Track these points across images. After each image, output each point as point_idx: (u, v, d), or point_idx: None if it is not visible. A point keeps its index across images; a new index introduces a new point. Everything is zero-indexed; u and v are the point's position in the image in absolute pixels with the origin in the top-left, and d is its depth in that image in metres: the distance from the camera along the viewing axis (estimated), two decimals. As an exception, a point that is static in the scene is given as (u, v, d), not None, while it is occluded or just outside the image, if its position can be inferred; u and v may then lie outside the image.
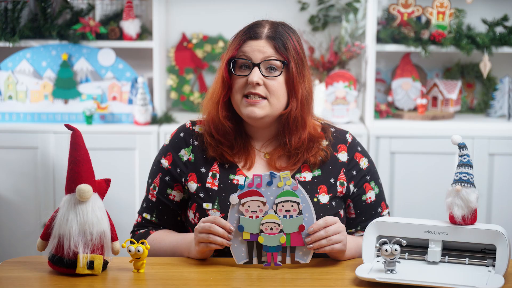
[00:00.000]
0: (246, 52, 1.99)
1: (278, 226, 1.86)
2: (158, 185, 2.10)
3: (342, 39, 3.65)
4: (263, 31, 2.01)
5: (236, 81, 2.01)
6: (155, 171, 2.12)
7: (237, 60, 2.01)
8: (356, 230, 2.10)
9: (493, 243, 1.81)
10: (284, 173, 1.86)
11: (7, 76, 3.50)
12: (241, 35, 2.02)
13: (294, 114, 2.01)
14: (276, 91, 1.99)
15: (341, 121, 3.53)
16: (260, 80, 1.98)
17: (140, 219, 2.14)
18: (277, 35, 2.00)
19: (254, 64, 1.98)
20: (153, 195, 2.11)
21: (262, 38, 2.00)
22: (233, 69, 2.01)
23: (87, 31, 3.50)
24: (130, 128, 3.45)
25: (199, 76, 3.84)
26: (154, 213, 2.11)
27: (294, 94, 2.01)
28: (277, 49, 1.99)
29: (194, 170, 2.06)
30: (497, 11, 3.70)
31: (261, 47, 1.99)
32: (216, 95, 2.03)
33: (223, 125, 2.03)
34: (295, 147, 2.03)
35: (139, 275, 1.83)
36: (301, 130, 2.03)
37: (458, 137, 1.85)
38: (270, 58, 1.99)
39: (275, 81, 1.99)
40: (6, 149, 3.42)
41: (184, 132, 2.11)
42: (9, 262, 1.91)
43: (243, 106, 2.00)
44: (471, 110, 3.85)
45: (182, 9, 3.82)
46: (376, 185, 2.11)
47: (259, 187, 1.86)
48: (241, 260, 1.88)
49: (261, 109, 1.99)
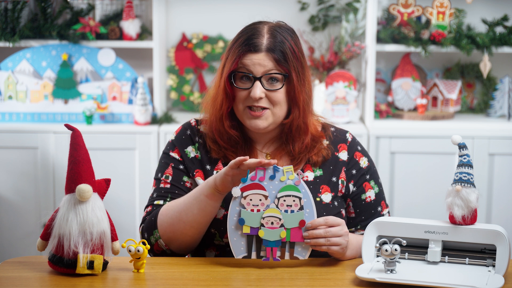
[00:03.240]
0: (246, 65, 1.98)
1: (279, 220, 1.86)
2: (172, 174, 2.07)
3: (342, 39, 3.65)
4: (262, 42, 1.98)
5: (238, 94, 2.01)
6: (165, 164, 2.09)
7: (238, 73, 2.00)
8: (356, 229, 2.10)
9: (493, 243, 1.81)
10: (287, 167, 1.87)
11: (7, 76, 3.50)
12: (240, 45, 2.00)
13: (296, 123, 2.03)
14: (278, 102, 2.00)
15: (341, 121, 3.53)
16: (262, 94, 1.98)
17: (151, 208, 2.06)
18: (276, 47, 1.98)
19: (256, 78, 1.98)
20: (166, 183, 2.07)
21: (262, 51, 1.98)
22: (234, 81, 2.01)
23: (87, 31, 3.50)
24: (130, 128, 3.45)
25: (199, 76, 3.84)
26: (168, 198, 2.05)
27: (295, 104, 2.01)
28: (277, 62, 1.98)
29: (200, 167, 2.07)
30: (497, 11, 3.71)
31: (262, 60, 1.98)
32: (219, 106, 2.03)
33: (229, 134, 2.04)
34: (299, 152, 2.05)
35: (139, 275, 1.83)
36: (303, 135, 2.04)
37: (458, 137, 1.85)
38: (271, 72, 1.98)
39: (277, 93, 2.00)
40: (6, 149, 3.42)
41: (190, 129, 2.11)
42: (9, 262, 1.91)
43: (247, 117, 2.01)
44: (471, 110, 3.85)
45: (182, 9, 3.82)
46: (375, 184, 2.12)
47: (262, 181, 1.86)
48: (239, 255, 1.88)
49: (264, 120, 2.00)
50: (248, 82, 1.99)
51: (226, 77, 2.00)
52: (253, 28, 2.02)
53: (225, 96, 2.01)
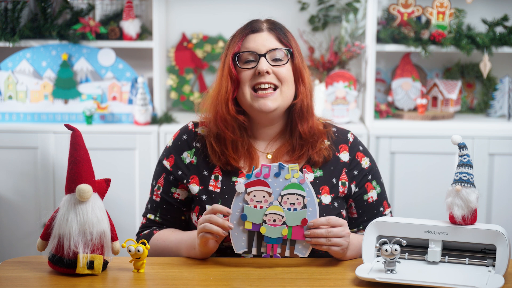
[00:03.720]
0: (249, 46, 2.01)
1: (281, 218, 1.86)
2: (162, 185, 2.10)
3: (342, 39, 3.65)
4: (262, 24, 2.05)
5: (243, 74, 2.01)
6: (159, 172, 2.11)
7: (241, 54, 2.02)
8: (358, 229, 2.10)
9: (493, 243, 1.81)
10: (293, 166, 1.87)
11: (7, 76, 3.50)
12: (241, 31, 2.05)
13: (306, 102, 2.04)
14: (286, 78, 2.01)
15: (341, 121, 3.53)
16: (269, 68, 1.99)
17: (145, 220, 2.14)
18: (276, 27, 2.05)
19: (260, 55, 2.00)
20: (157, 195, 2.11)
21: (264, 30, 2.03)
22: (238, 64, 2.02)
23: (87, 31, 3.50)
24: (130, 128, 3.45)
25: (199, 76, 3.84)
26: (158, 213, 2.11)
27: (302, 82, 2.04)
28: (280, 39, 2.03)
29: (196, 172, 2.06)
30: (497, 11, 3.71)
31: (264, 39, 2.02)
32: (224, 92, 2.03)
33: (235, 120, 2.03)
34: (308, 135, 2.04)
35: (139, 275, 1.83)
36: (311, 118, 2.06)
37: (458, 137, 1.85)
38: (275, 48, 2.01)
39: (284, 68, 2.01)
40: (6, 149, 3.42)
41: (186, 134, 2.11)
42: (9, 262, 1.91)
43: (254, 99, 2.01)
44: (471, 110, 3.85)
45: (182, 9, 3.82)
46: (377, 184, 2.12)
47: (267, 178, 1.86)
48: (240, 249, 1.88)
49: (273, 101, 2.00)
50: (253, 63, 2.01)
51: (230, 60, 2.01)
52: (251, 21, 2.08)
53: (229, 81, 2.01)
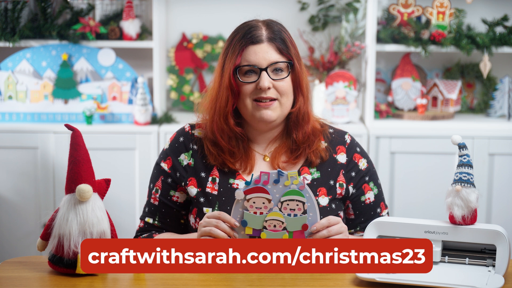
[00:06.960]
0: (250, 59, 1.99)
1: (281, 223, 1.86)
2: (161, 188, 2.09)
3: (342, 39, 3.65)
4: (262, 33, 2.00)
5: (244, 88, 2.00)
6: (156, 175, 2.11)
7: (242, 67, 2.00)
8: (355, 230, 2.10)
9: (493, 243, 1.80)
10: (292, 172, 1.86)
11: (7, 76, 3.50)
12: (239, 40, 2.00)
13: (303, 110, 2.04)
14: (286, 92, 2.01)
15: (341, 121, 3.53)
16: (270, 84, 1.98)
17: (143, 224, 2.13)
18: (276, 36, 2.01)
19: (262, 69, 1.98)
20: (155, 199, 2.10)
21: (264, 41, 1.99)
22: (238, 77, 2.00)
23: (87, 31, 3.50)
24: (130, 128, 3.45)
25: (199, 76, 3.84)
26: (156, 217, 2.11)
27: (300, 91, 2.03)
28: (280, 51, 2.00)
29: (194, 174, 2.06)
30: (497, 11, 3.71)
31: (265, 52, 1.99)
32: (225, 104, 2.01)
33: (232, 132, 2.03)
34: (301, 142, 2.04)
35: (139, 275, 1.82)
36: (306, 124, 2.05)
37: (458, 137, 1.85)
38: (276, 61, 1.99)
39: (284, 82, 2.00)
40: (6, 149, 3.42)
41: (183, 136, 2.10)
42: (9, 262, 1.91)
43: (256, 110, 2.00)
44: (471, 110, 3.85)
45: (182, 9, 3.82)
46: (375, 185, 2.11)
47: (266, 185, 1.86)
48: None
49: (273, 111, 2.00)
50: (254, 75, 2.00)
51: (231, 73, 1.99)
52: (248, 24, 2.04)
53: (230, 93, 2.00)
